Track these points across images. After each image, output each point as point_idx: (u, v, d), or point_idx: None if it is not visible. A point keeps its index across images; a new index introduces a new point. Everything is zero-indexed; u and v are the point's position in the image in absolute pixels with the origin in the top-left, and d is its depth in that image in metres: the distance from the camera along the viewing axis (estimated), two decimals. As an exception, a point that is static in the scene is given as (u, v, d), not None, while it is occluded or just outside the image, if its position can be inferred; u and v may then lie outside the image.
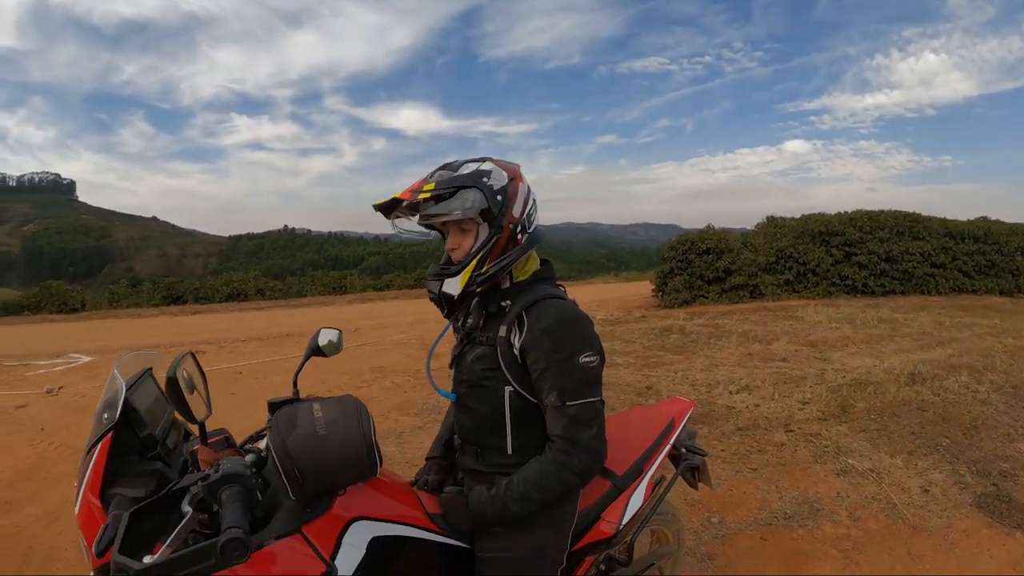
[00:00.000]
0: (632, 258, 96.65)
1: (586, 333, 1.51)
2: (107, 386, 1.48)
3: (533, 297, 1.54)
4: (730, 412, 4.96)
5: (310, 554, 1.33)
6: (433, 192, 1.46)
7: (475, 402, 1.62)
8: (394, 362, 7.86)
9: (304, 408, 1.40)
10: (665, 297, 13.97)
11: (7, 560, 3.19)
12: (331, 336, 1.76)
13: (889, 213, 14.32)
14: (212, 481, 1.19)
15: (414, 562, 1.54)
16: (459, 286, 1.53)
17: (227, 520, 1.11)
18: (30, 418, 5.77)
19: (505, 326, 1.54)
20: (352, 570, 1.37)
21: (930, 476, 3.68)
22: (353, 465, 1.35)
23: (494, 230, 1.51)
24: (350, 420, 1.37)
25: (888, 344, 7.63)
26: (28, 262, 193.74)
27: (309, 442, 1.31)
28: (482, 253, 1.51)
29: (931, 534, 3.11)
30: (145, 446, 1.46)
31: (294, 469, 1.28)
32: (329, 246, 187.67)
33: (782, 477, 3.80)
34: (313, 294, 22.31)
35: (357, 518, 1.42)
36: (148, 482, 1.38)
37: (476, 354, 1.59)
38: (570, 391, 1.46)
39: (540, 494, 1.49)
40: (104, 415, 1.36)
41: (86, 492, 1.30)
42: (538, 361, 1.48)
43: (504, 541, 1.59)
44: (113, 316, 17.83)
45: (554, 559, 1.65)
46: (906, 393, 5.05)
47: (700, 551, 3.04)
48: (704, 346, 8.08)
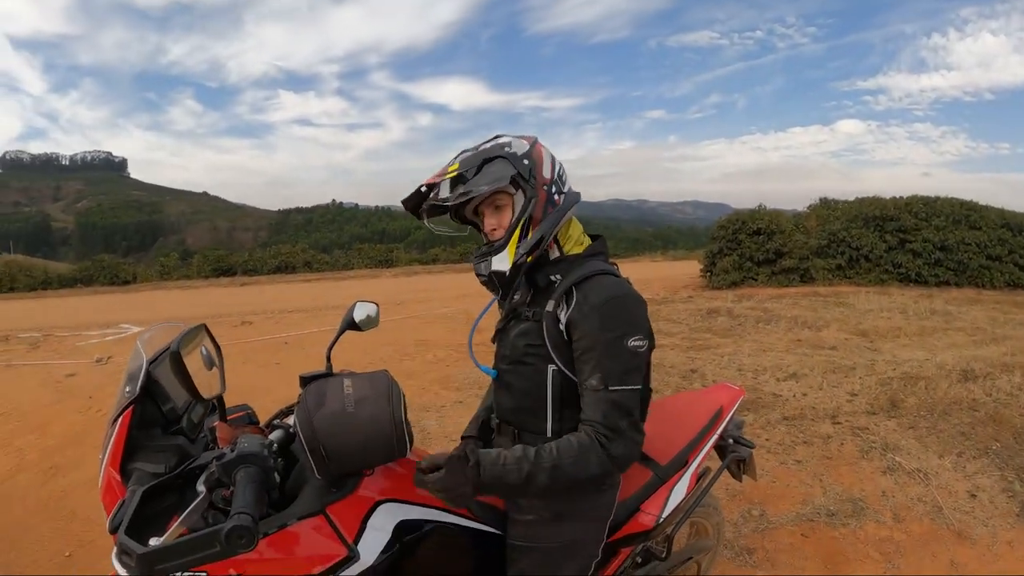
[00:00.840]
0: (680, 237, 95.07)
1: (638, 315, 1.41)
2: (130, 359, 1.45)
3: (585, 272, 1.44)
4: (776, 400, 4.85)
5: (332, 536, 1.29)
6: (458, 171, 1.40)
7: (516, 379, 1.55)
8: (437, 335, 7.94)
9: (334, 384, 1.35)
10: (713, 278, 13.75)
11: (51, 523, 3.32)
12: (368, 310, 1.71)
13: (946, 200, 13.81)
14: (227, 461, 1.15)
15: (442, 548, 1.49)
16: (508, 260, 1.45)
17: (236, 504, 1.07)
18: (79, 386, 5.98)
19: (553, 300, 1.45)
20: (375, 556, 1.33)
21: (978, 481, 3.52)
22: (381, 445, 1.30)
23: (529, 194, 1.44)
24: (380, 398, 1.32)
25: (940, 338, 7.37)
26: (82, 237, 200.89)
27: (336, 420, 1.27)
28: (523, 220, 1.44)
29: (975, 543, 2.97)
30: (168, 420, 1.43)
31: (320, 448, 1.25)
32: (376, 220, 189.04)
33: (827, 471, 3.68)
34: (360, 267, 22.58)
35: (384, 500, 1.38)
36: (168, 457, 1.34)
37: (520, 329, 1.52)
38: (615, 375, 1.35)
39: (574, 468, 1.35)
40: (126, 388, 1.34)
41: (107, 465, 1.28)
42: (583, 339, 1.39)
43: (536, 530, 1.52)
44: (163, 288, 18.39)
45: (589, 552, 1.57)
46: (957, 391, 4.84)
47: (739, 544, 2.97)
48: (752, 330, 7.95)
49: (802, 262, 13.35)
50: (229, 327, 9.20)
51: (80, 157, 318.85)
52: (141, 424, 1.35)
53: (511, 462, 1.35)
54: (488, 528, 1.57)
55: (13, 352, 7.71)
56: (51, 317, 11.27)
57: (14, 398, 5.56)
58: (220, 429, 1.41)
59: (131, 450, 1.32)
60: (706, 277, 14.28)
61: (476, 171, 1.41)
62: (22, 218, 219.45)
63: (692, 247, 28.12)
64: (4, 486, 3.76)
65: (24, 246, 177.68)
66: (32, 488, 3.74)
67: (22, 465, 4.07)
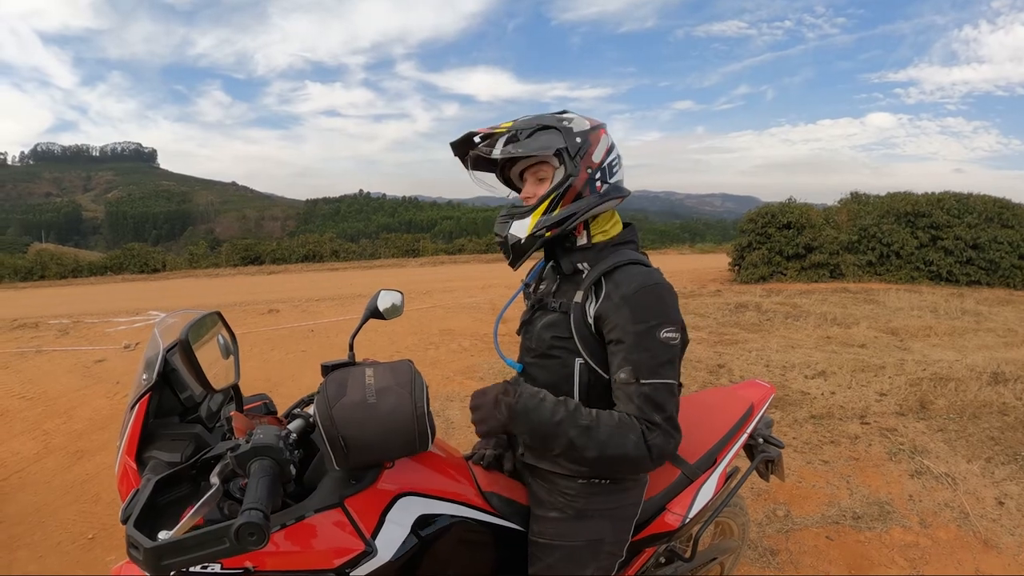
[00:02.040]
0: (708, 230, 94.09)
1: (670, 306, 1.35)
2: (148, 347, 1.43)
3: (614, 261, 1.39)
4: (804, 398, 4.79)
5: (349, 530, 1.26)
6: (511, 129, 1.37)
7: (542, 373, 1.49)
8: (462, 325, 7.94)
9: (356, 373, 1.32)
10: (742, 272, 13.59)
11: (75, 506, 3.37)
12: (392, 299, 1.66)
13: (978, 197, 13.48)
14: (241, 452, 1.12)
15: (462, 544, 1.44)
16: (527, 228, 1.41)
17: (248, 499, 1.03)
18: (107, 372, 6.05)
19: (581, 291, 1.40)
20: (393, 551, 1.29)
21: (1006, 488, 3.43)
22: (402, 437, 1.26)
23: (569, 171, 1.38)
24: (402, 389, 1.28)
25: (971, 338, 7.22)
26: (112, 226, 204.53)
27: (356, 411, 1.23)
28: (555, 195, 1.38)
29: (1001, 552, 2.89)
30: (186, 408, 1.41)
31: (339, 438, 1.21)
32: (403, 210, 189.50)
33: (854, 473, 3.62)
34: (386, 256, 22.57)
35: (404, 493, 1.34)
36: (185, 446, 1.32)
37: (547, 321, 1.47)
38: (646, 368, 1.30)
39: (608, 439, 1.28)
40: (143, 376, 1.32)
41: (123, 453, 1.26)
42: (614, 331, 1.33)
43: (560, 527, 1.48)
44: (192, 276, 18.52)
45: (612, 551, 1.52)
46: (987, 394, 4.74)
47: (763, 544, 2.93)
48: (780, 326, 7.86)
49: (832, 257, 13.14)
50: (256, 315, 9.26)
51: (110, 148, 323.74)
52: (158, 412, 1.33)
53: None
54: (510, 525, 1.53)
55: (43, 338, 7.79)
56: (81, 304, 11.39)
57: (43, 383, 5.63)
58: (236, 419, 1.37)
59: (147, 438, 1.30)
60: (734, 271, 14.11)
61: (528, 135, 1.38)
62: (53, 208, 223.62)
63: (720, 240, 27.74)
64: (31, 469, 3.82)
65: (56, 235, 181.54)
66: (58, 471, 3.79)
67: (49, 448, 4.12)
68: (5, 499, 3.44)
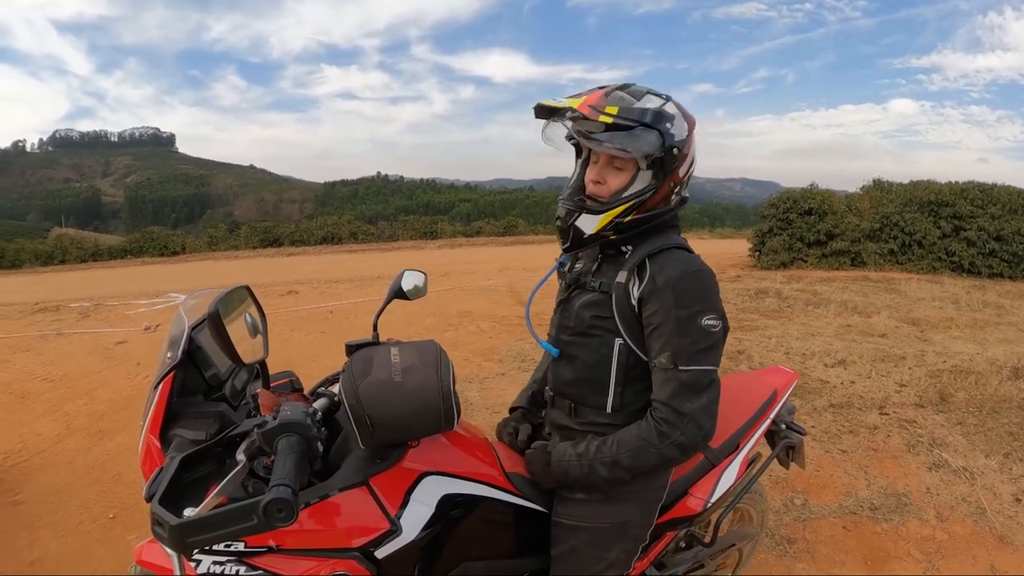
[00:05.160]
0: (727, 214, 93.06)
1: (713, 293, 1.36)
2: (172, 325, 1.44)
3: (658, 245, 1.39)
4: (824, 386, 4.76)
5: (374, 508, 1.28)
6: (614, 118, 1.30)
7: (580, 351, 1.49)
8: (481, 307, 7.94)
9: (381, 352, 1.34)
10: (762, 258, 13.38)
11: (96, 486, 3.41)
12: (416, 280, 1.68)
13: (1003, 188, 13.18)
14: (268, 429, 1.12)
15: (486, 524, 1.46)
16: (596, 226, 1.39)
17: (276, 476, 1.03)
18: (128, 353, 6.10)
19: (625, 272, 1.40)
20: (418, 530, 1.31)
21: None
22: (428, 416, 1.27)
23: (655, 182, 1.37)
24: (428, 368, 1.29)
25: (992, 331, 7.11)
26: (132, 210, 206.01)
27: (382, 389, 1.24)
28: (633, 203, 1.37)
29: (1016, 549, 2.87)
30: (210, 387, 1.42)
31: (365, 417, 1.22)
32: (421, 192, 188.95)
33: (872, 463, 3.60)
34: (404, 238, 22.52)
35: (429, 472, 1.35)
36: (210, 424, 1.32)
37: (586, 300, 1.46)
38: (686, 354, 1.31)
39: (632, 462, 1.35)
40: (168, 354, 1.33)
41: (147, 432, 1.27)
42: (655, 315, 1.34)
43: (586, 509, 1.48)
44: (211, 258, 18.63)
45: (637, 535, 1.53)
46: (1008, 388, 4.68)
47: (780, 533, 2.93)
48: (801, 313, 7.79)
49: (853, 245, 12.94)
50: (276, 296, 9.30)
51: (128, 133, 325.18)
52: (182, 391, 1.34)
53: (572, 458, 1.42)
54: (532, 506, 1.53)
55: (63, 321, 7.85)
56: (101, 287, 11.49)
57: (64, 365, 5.68)
58: (262, 396, 1.39)
59: (171, 417, 1.31)
60: (755, 257, 13.89)
61: (627, 129, 1.31)
62: (73, 193, 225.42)
63: (740, 225, 27.32)
64: (53, 450, 3.86)
65: (76, 220, 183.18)
66: (79, 452, 3.83)
67: (70, 429, 4.17)
68: (27, 479, 3.49)
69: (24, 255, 19.37)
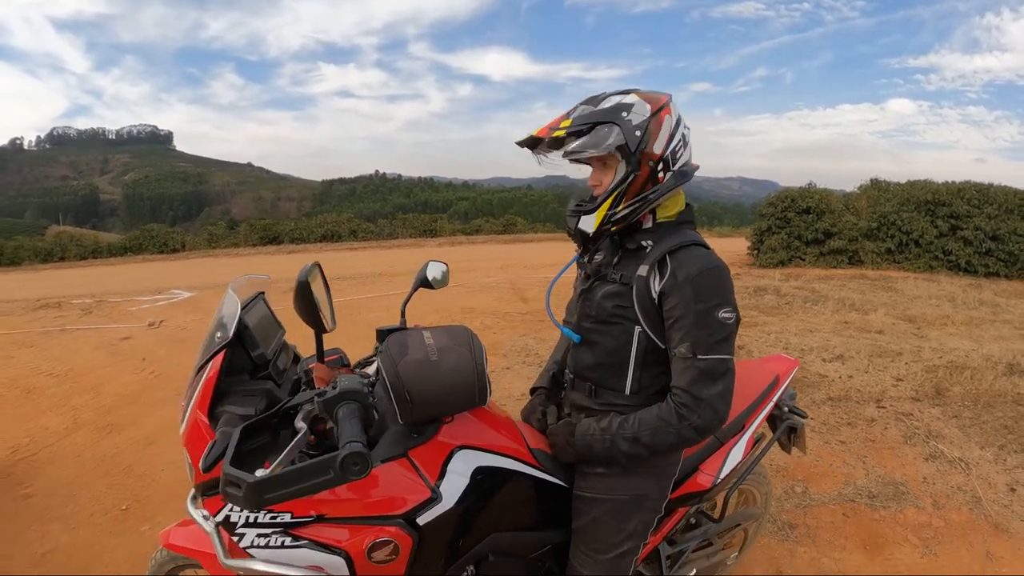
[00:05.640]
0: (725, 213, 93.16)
1: (728, 288, 1.46)
2: (221, 306, 1.50)
3: (678, 241, 1.48)
4: (822, 380, 4.85)
5: (416, 478, 1.36)
6: (569, 129, 1.42)
7: (601, 338, 1.59)
8: (483, 304, 8.01)
9: (414, 335, 1.42)
10: (761, 256, 13.48)
11: (107, 479, 3.45)
12: (440, 269, 1.78)
13: (999, 188, 13.32)
14: (329, 397, 1.19)
15: (513, 496, 1.54)
16: (594, 224, 1.49)
17: (345, 435, 1.10)
18: (133, 349, 6.14)
19: (645, 266, 1.49)
20: (456, 499, 1.38)
21: (1019, 475, 3.48)
22: (463, 392, 1.37)
23: (631, 168, 1.44)
24: (462, 348, 1.39)
25: (988, 329, 7.20)
26: (129, 208, 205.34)
27: (421, 368, 1.33)
28: (617, 192, 1.45)
29: (1011, 536, 2.95)
30: (256, 366, 1.48)
31: (405, 393, 1.30)
32: (419, 190, 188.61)
33: (870, 454, 3.68)
34: (404, 236, 22.49)
35: (462, 447, 1.44)
36: (258, 401, 1.39)
37: (607, 291, 1.56)
38: (704, 344, 1.41)
39: (652, 440, 1.46)
40: (217, 334, 1.38)
41: (194, 409, 1.32)
42: (675, 308, 1.43)
43: (606, 482, 1.58)
44: (212, 255, 18.60)
45: (653, 507, 1.63)
46: (1003, 384, 4.77)
47: (782, 519, 3.02)
48: (799, 310, 7.89)
49: (851, 243, 13.04)
50: (279, 293, 9.27)
51: (126, 131, 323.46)
52: (229, 370, 1.39)
53: (595, 432, 1.52)
54: (554, 480, 1.61)
55: (66, 318, 7.85)
56: (102, 284, 11.48)
57: (69, 361, 5.70)
58: (317, 370, 1.49)
59: (218, 395, 1.36)
60: (753, 255, 14.00)
61: (588, 131, 1.42)
62: (71, 191, 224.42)
63: (738, 224, 27.24)
64: (61, 444, 3.88)
65: (73, 218, 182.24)
66: (88, 446, 3.85)
67: (78, 424, 4.19)
68: (35, 473, 3.51)
69: (23, 252, 19.24)
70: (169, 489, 3.31)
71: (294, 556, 1.28)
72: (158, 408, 4.41)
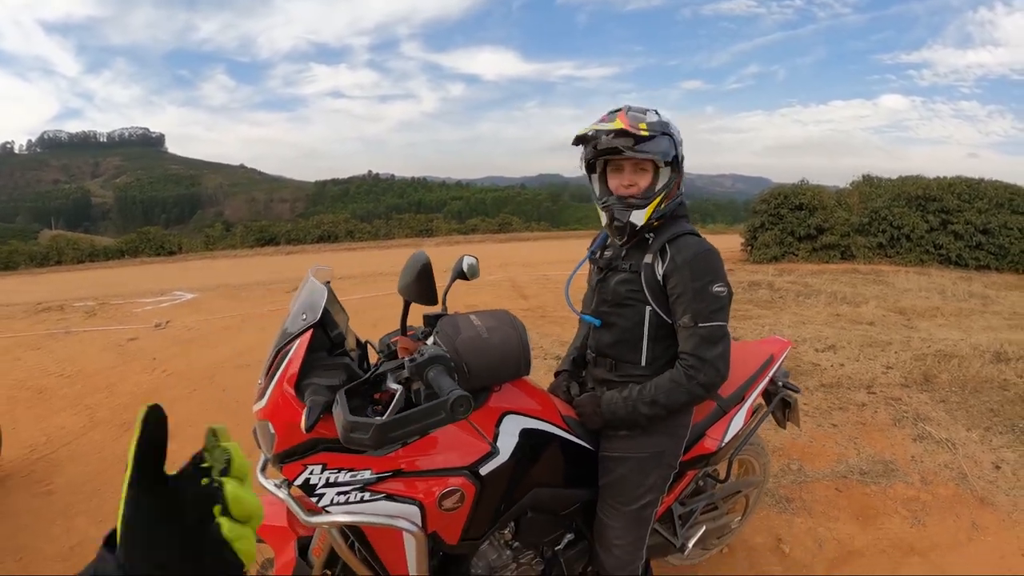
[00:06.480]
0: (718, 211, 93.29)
1: (719, 267, 1.72)
2: (302, 291, 1.65)
3: (675, 232, 1.76)
4: (815, 369, 5.02)
5: (476, 436, 1.58)
6: (648, 131, 1.66)
7: (618, 319, 1.84)
8: (486, 301, 8.14)
9: (463, 318, 1.66)
10: (754, 252, 13.63)
11: (126, 473, 3.54)
12: (472, 261, 2.00)
13: (990, 183, 13.45)
14: (420, 361, 1.37)
15: (551, 455, 1.76)
16: (644, 217, 1.74)
17: (446, 387, 1.29)
18: (141, 349, 6.19)
19: (650, 255, 1.76)
20: (509, 453, 1.61)
21: (1003, 454, 3.65)
22: (511, 363, 1.61)
23: (674, 175, 1.76)
24: (507, 327, 1.63)
25: (977, 320, 7.36)
26: (122, 211, 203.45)
27: (475, 343, 1.56)
28: (664, 193, 1.74)
29: (996, 509, 3.13)
30: (334, 344, 1.64)
31: (463, 365, 1.52)
32: (412, 190, 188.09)
33: (861, 435, 3.86)
34: (400, 236, 22.51)
35: (509, 412, 1.66)
36: (339, 374, 1.53)
37: (620, 279, 1.82)
38: (703, 314, 1.67)
39: (668, 400, 1.71)
40: (303, 315, 1.53)
41: (280, 383, 1.45)
42: (677, 287, 1.69)
43: (628, 443, 1.82)
44: (209, 257, 18.60)
45: (669, 462, 1.87)
46: (990, 370, 4.93)
47: (779, 493, 3.21)
48: (792, 303, 8.07)
49: (843, 239, 13.19)
50: (281, 293, 9.43)
51: (118, 134, 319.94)
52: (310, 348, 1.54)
53: (619, 399, 1.78)
54: (583, 443, 1.84)
55: (70, 320, 7.87)
56: (102, 287, 11.47)
57: (78, 362, 5.73)
58: (402, 342, 1.73)
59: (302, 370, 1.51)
60: (747, 251, 14.14)
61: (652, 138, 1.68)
62: (62, 195, 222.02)
63: (731, 221, 27.35)
64: (79, 442, 3.94)
65: (65, 222, 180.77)
66: (107, 443, 3.93)
67: (94, 422, 4.25)
68: (56, 471, 3.58)
69: (19, 257, 19.14)
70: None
71: (372, 508, 1.46)
72: (175, 405, 4.47)
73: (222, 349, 6.11)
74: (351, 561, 1.57)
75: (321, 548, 1.66)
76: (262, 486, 1.55)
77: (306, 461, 1.43)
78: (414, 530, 1.48)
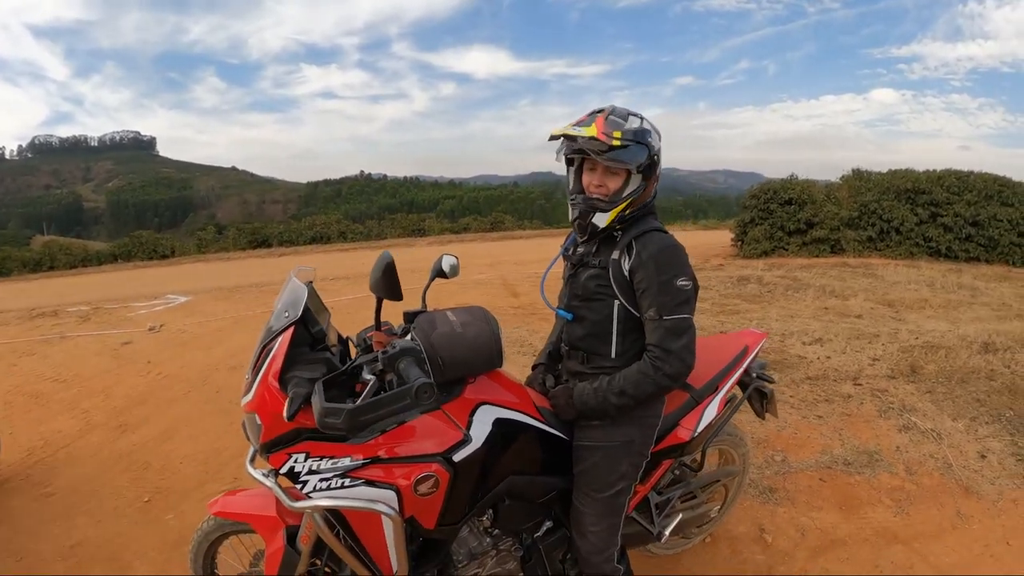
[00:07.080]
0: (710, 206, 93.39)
1: (683, 261, 1.78)
2: (285, 290, 1.77)
3: (642, 228, 1.82)
4: (801, 361, 5.06)
5: (450, 425, 1.66)
6: (621, 141, 1.71)
7: (588, 313, 1.90)
8: (476, 299, 8.12)
9: (440, 314, 1.75)
10: (744, 247, 13.68)
11: (127, 474, 3.57)
12: (452, 261, 2.05)
13: (979, 175, 13.50)
14: (391, 354, 1.50)
15: (525, 444, 1.85)
16: (607, 220, 1.80)
17: (413, 375, 1.41)
18: (135, 353, 6.19)
19: (617, 251, 1.82)
20: (482, 441, 1.69)
21: (989, 444, 3.70)
22: (484, 356, 1.70)
23: (645, 183, 1.81)
24: (481, 322, 1.72)
25: (965, 311, 7.40)
26: (114, 215, 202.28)
27: (449, 337, 1.64)
28: (631, 200, 1.79)
29: (981, 498, 3.19)
30: (315, 340, 1.75)
31: (437, 358, 1.60)
32: (405, 190, 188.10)
33: (846, 427, 3.90)
34: (393, 236, 22.55)
35: (483, 402, 1.74)
36: (320, 368, 1.65)
37: (589, 274, 1.88)
38: (667, 307, 1.73)
39: (635, 391, 1.78)
40: (286, 313, 1.64)
41: (265, 377, 1.57)
42: (643, 281, 1.76)
43: (600, 432, 1.89)
44: (203, 260, 18.57)
45: (640, 451, 1.94)
46: (977, 361, 4.99)
47: (762, 484, 3.25)
48: (781, 297, 8.13)
49: (833, 233, 13.24)
50: (274, 295, 9.28)
51: (109, 138, 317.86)
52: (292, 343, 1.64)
53: (589, 391, 1.85)
54: (556, 433, 1.92)
55: (64, 325, 7.86)
56: (96, 292, 11.45)
57: (73, 366, 5.73)
58: (376, 336, 1.83)
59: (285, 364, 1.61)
60: (737, 246, 14.19)
61: (626, 146, 1.72)
62: (54, 200, 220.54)
63: (723, 216, 27.48)
64: (76, 444, 3.96)
65: (57, 227, 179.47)
66: (104, 445, 3.96)
67: (91, 425, 4.27)
68: (54, 473, 3.61)
69: (11, 263, 19.03)
70: (189, 480, 3.46)
71: (352, 493, 1.57)
72: (170, 407, 4.54)
73: (216, 351, 6.13)
74: (336, 547, 1.67)
75: (308, 536, 1.75)
76: (251, 476, 1.65)
77: (290, 450, 1.54)
78: (392, 514, 1.58)
